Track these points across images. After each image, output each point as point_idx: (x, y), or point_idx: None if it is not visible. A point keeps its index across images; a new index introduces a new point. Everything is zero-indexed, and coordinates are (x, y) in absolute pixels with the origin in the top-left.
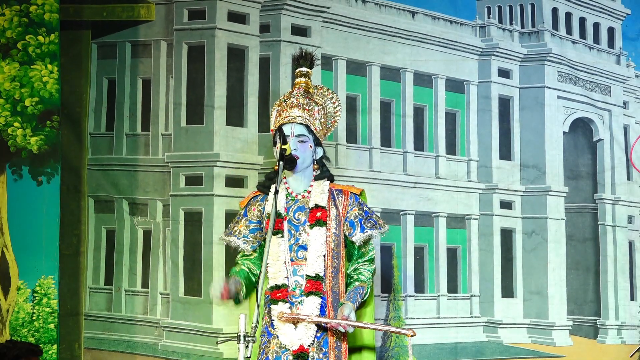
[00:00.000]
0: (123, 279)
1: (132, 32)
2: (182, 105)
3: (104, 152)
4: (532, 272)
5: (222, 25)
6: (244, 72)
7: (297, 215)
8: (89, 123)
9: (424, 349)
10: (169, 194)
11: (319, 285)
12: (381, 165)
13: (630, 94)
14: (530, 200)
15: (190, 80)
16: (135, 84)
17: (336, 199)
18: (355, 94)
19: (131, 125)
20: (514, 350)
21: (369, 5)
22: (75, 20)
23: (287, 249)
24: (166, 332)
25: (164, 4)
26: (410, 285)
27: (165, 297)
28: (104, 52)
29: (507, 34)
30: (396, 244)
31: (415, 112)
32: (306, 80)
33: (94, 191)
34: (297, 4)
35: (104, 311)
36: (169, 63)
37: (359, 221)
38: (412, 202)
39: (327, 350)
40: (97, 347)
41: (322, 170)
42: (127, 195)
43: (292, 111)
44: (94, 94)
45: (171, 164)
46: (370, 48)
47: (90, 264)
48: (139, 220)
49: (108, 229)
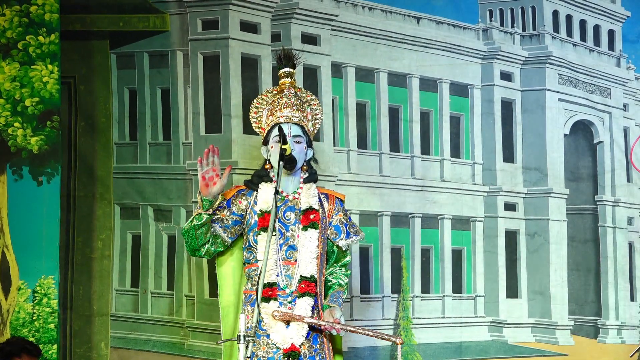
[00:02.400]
0: (149, 281)
1: (149, 42)
2: (200, 114)
3: (128, 161)
4: (535, 273)
5: (235, 35)
6: (258, 81)
7: (287, 215)
8: (113, 133)
9: (429, 348)
10: (191, 200)
11: (312, 286)
12: (390, 170)
13: (630, 97)
14: (533, 202)
15: (207, 89)
16: (155, 94)
17: (323, 203)
18: (364, 101)
19: (153, 134)
20: (518, 349)
21: (376, 12)
22: (91, 30)
23: (278, 248)
24: (192, 332)
25: (179, 14)
26: (417, 286)
27: (190, 299)
28: (123, 62)
29: (508, 37)
30: (405, 246)
31: (422, 116)
32: (291, 80)
33: (120, 199)
34: (306, 12)
35: (131, 312)
36: (185, 73)
37: (344, 226)
38: (419, 205)
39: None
40: (124, 347)
41: (311, 172)
42: (151, 202)
43: (287, 111)
44: (116, 103)
45: (192, 172)
46: (378, 55)
47: (117, 267)
48: (164, 226)
49: (134, 234)
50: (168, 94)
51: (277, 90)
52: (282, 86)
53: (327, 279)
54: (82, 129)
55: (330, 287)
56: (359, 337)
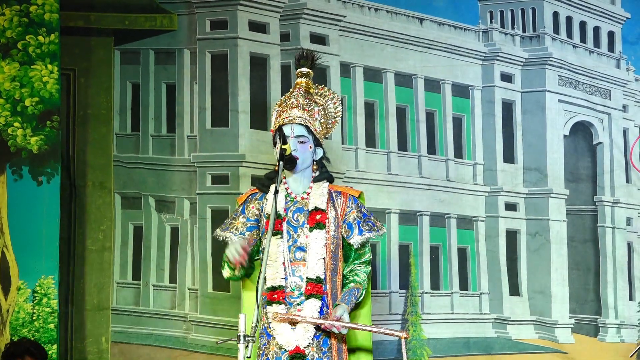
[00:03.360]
0: (151, 274)
1: (155, 40)
2: (206, 109)
3: (130, 151)
4: (536, 272)
5: (243, 35)
6: (267, 80)
7: (296, 217)
8: (114, 124)
9: (439, 343)
10: (195, 192)
11: (319, 287)
12: (399, 169)
13: (629, 98)
14: (533, 202)
15: (215, 87)
16: (160, 89)
17: (335, 201)
18: (372, 100)
19: (156, 127)
20: (521, 345)
21: (381, 12)
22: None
23: (286, 249)
24: (195, 326)
25: (187, 14)
26: (427, 282)
27: (193, 292)
28: (127, 58)
29: (509, 38)
30: (413, 243)
31: (427, 117)
32: (307, 80)
33: (120, 188)
34: (315, 12)
35: (132, 305)
36: (192, 70)
37: (357, 223)
38: (427, 203)
39: (326, 350)
40: (125, 341)
41: (322, 171)
42: (153, 193)
43: (292, 112)
44: (117, 96)
45: (197, 164)
46: (384, 55)
47: (118, 259)
48: (167, 217)
49: (135, 225)
50: (173, 89)
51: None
52: (296, 86)
53: (346, 276)
54: (81, 118)
55: (345, 285)
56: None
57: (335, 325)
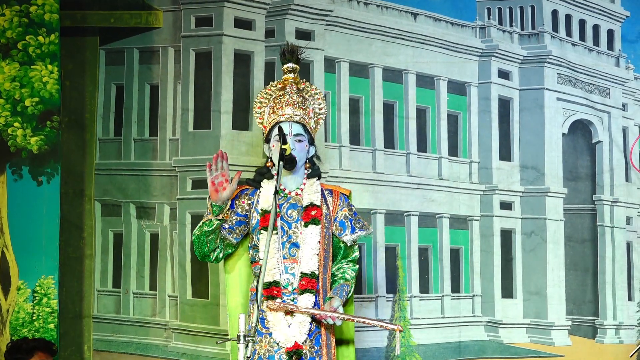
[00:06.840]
0: (131, 281)
1: (140, 38)
2: (189, 110)
3: (112, 157)
4: (532, 273)
5: (228, 32)
6: (250, 77)
7: (289, 213)
8: (97, 129)
9: (429, 349)
10: (176, 197)
11: (313, 282)
12: (385, 167)
13: (629, 96)
14: (530, 201)
15: (198, 86)
16: (144, 90)
17: (327, 199)
18: (358, 96)
19: (139, 130)
20: (513, 349)
21: (371, 7)
22: (82, 26)
23: (280, 246)
24: (175, 334)
25: (172, 11)
26: (415, 286)
27: (173, 299)
28: (112, 58)
29: (507, 35)
30: (400, 244)
31: (418, 113)
32: (294, 76)
33: (101, 195)
34: (302, 8)
35: (113, 313)
36: (176, 69)
37: (349, 222)
38: (416, 203)
39: (319, 348)
40: (107, 349)
41: (313, 168)
42: (134, 199)
43: (289, 109)
44: (102, 99)
45: (178, 168)
46: (372, 50)
47: (98, 267)
48: (147, 223)
49: (115, 233)
50: (156, 90)
51: (281, 85)
52: (285, 82)
53: (334, 273)
54: (66, 124)
55: (335, 282)
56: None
57: (331, 316)
